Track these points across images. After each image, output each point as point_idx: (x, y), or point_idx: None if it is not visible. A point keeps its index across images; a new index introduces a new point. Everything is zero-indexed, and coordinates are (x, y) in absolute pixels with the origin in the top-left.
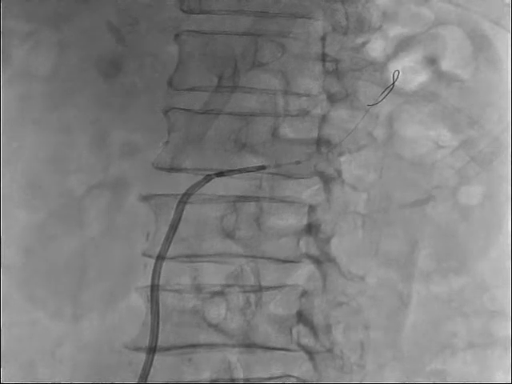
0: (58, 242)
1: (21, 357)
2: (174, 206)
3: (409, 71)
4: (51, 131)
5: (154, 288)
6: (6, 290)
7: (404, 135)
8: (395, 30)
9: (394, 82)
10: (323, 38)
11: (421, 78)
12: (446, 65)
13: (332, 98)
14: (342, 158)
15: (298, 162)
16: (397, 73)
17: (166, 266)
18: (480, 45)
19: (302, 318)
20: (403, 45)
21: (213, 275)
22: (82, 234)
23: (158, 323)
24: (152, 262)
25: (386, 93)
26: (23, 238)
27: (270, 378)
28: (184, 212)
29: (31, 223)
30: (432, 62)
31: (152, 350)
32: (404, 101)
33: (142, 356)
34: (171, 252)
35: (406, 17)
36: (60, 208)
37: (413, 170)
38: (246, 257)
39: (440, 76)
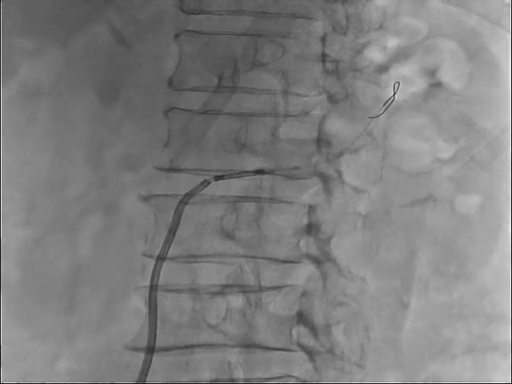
0: (57, 247)
1: (19, 365)
2: (174, 207)
3: (405, 80)
4: (51, 133)
5: (153, 288)
6: (4, 304)
7: (399, 146)
8: (391, 41)
9: (394, 94)
10: (323, 39)
11: (417, 86)
12: (442, 73)
13: (332, 99)
14: (342, 159)
15: (296, 168)
16: (397, 84)
17: (165, 266)
18: (476, 51)
19: (302, 318)
20: (399, 55)
21: (213, 275)
22: (81, 235)
23: (155, 323)
24: (152, 262)
25: (387, 105)
26: (21, 240)
27: (270, 379)
28: (184, 212)
29: (30, 226)
30: (428, 70)
31: (150, 350)
32: (399, 109)
33: (142, 357)
34: (171, 252)
35: (402, 27)
36: (58, 213)
37: (410, 175)
38: (245, 257)
39: (436, 84)
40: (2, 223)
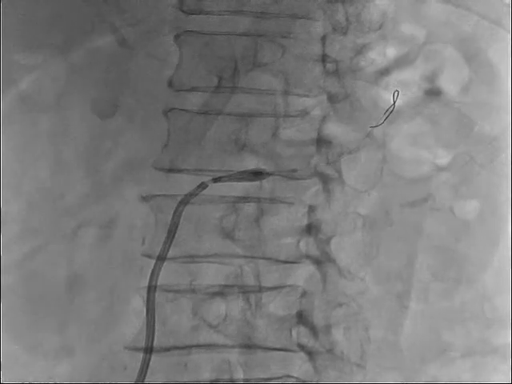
0: (57, 252)
1: (19, 358)
2: (174, 208)
3: (403, 85)
4: (51, 136)
5: (151, 289)
6: (4, 311)
7: (397, 151)
8: (391, 43)
9: (394, 103)
10: (323, 39)
11: (415, 92)
12: (441, 79)
13: (332, 99)
14: (342, 159)
15: (294, 170)
16: (396, 93)
17: (165, 266)
18: (475, 55)
19: (301, 318)
20: (398, 60)
21: (212, 276)
22: (81, 235)
23: (154, 324)
24: (151, 263)
25: (387, 113)
26: (21, 241)
27: (269, 379)
28: (184, 213)
29: (30, 226)
30: (427, 76)
31: (148, 350)
32: (398, 115)
33: (141, 357)
34: (171, 253)
35: (400, 34)
36: (57, 215)
37: (409, 181)
38: (245, 257)
39: (435, 90)
40: (2, 233)
